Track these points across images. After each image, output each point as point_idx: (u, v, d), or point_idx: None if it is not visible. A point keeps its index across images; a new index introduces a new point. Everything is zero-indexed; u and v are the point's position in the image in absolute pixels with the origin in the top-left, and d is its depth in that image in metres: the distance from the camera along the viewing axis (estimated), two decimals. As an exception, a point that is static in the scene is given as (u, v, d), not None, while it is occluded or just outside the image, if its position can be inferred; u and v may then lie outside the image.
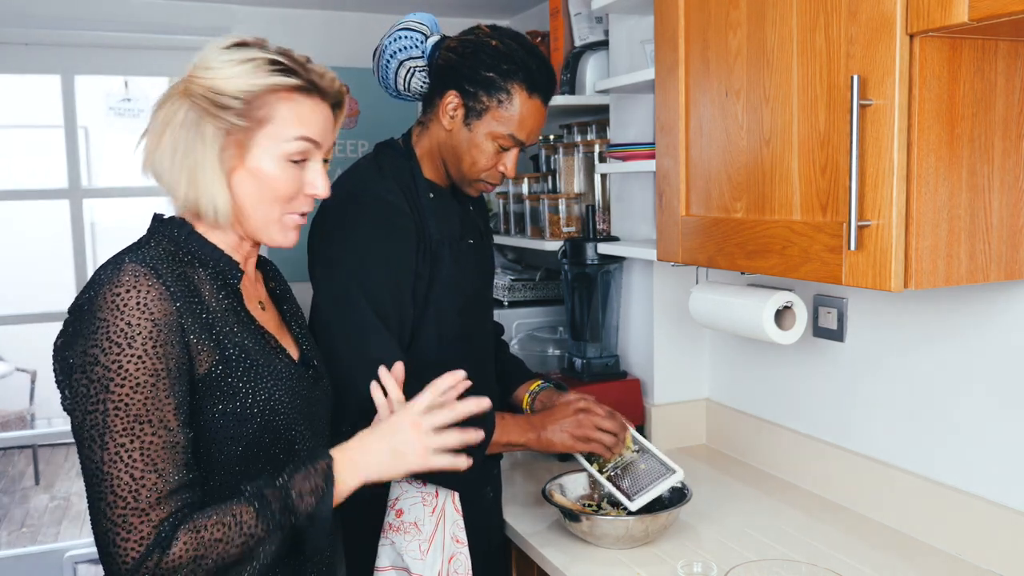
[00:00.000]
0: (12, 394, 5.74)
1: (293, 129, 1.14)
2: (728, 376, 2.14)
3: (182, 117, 1.11)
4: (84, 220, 2.86)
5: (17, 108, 5.59)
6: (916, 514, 1.60)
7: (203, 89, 1.11)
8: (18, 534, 4.78)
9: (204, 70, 1.12)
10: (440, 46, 1.62)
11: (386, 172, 1.61)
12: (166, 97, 1.14)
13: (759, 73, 1.37)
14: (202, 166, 1.11)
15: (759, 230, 1.39)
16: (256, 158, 1.14)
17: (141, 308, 1.03)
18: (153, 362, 1.03)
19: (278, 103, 1.14)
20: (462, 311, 1.66)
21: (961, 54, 1.16)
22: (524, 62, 1.57)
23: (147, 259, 1.07)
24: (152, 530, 1.01)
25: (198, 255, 1.15)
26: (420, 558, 1.53)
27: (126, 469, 1.01)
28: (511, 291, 2.58)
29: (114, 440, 1.01)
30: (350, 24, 3.02)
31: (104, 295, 1.03)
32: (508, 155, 1.63)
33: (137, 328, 1.02)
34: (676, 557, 1.53)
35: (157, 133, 1.13)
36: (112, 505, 1.01)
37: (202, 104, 1.10)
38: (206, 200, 1.12)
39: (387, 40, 1.65)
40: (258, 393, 1.13)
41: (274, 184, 1.15)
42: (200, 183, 1.12)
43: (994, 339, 1.46)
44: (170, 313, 1.05)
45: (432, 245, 1.60)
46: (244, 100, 1.11)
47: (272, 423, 1.15)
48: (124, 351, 1.02)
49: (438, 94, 1.61)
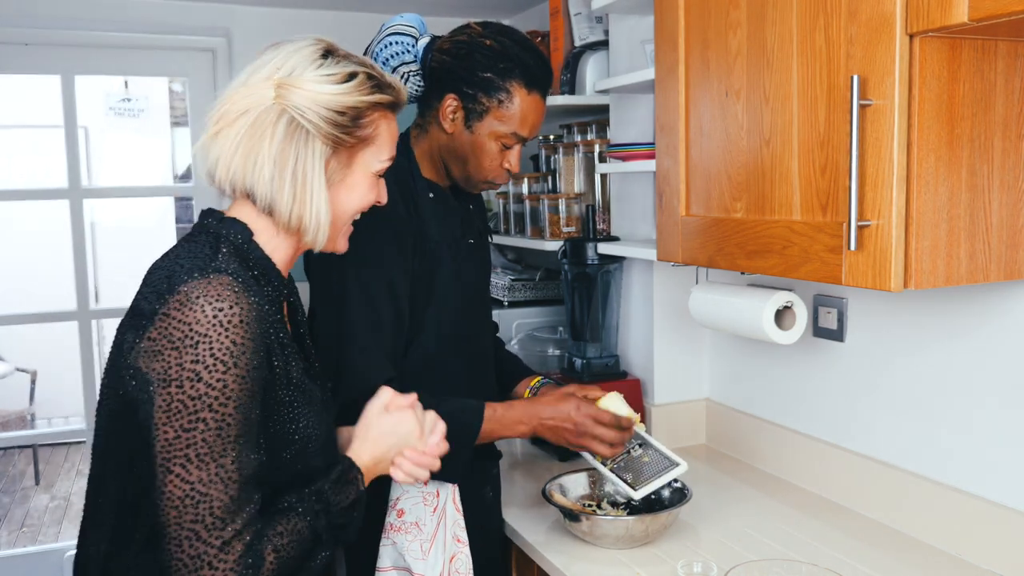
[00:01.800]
0: (12, 394, 5.74)
1: (389, 150, 1.18)
2: (728, 376, 2.14)
3: (284, 130, 1.07)
4: (84, 220, 2.86)
5: (17, 108, 5.60)
6: (916, 514, 1.60)
7: (308, 102, 1.07)
8: (18, 534, 4.78)
9: (302, 80, 1.08)
10: (432, 48, 1.60)
11: (385, 173, 1.60)
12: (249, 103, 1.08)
13: (759, 73, 1.37)
14: (310, 181, 1.09)
15: (759, 230, 1.39)
16: (356, 175, 1.15)
17: (244, 325, 1.00)
18: (253, 383, 1.02)
19: (380, 121, 1.15)
20: (462, 311, 1.66)
21: (961, 54, 1.16)
22: (520, 58, 1.56)
23: (237, 272, 1.04)
24: (246, 549, 1.00)
25: (258, 268, 1.12)
26: (422, 558, 1.53)
27: (226, 491, 0.99)
28: (511, 291, 2.58)
29: (216, 461, 0.99)
30: (350, 24, 3.01)
31: (203, 308, 0.99)
32: (512, 152, 1.63)
33: (243, 347, 1.00)
34: (676, 557, 1.53)
35: (249, 143, 1.08)
36: (211, 527, 0.98)
37: (310, 117, 1.07)
38: (310, 216, 1.10)
39: (377, 47, 1.64)
40: (300, 419, 1.13)
41: (364, 198, 1.18)
42: (307, 199, 1.09)
43: (994, 339, 1.46)
44: (263, 333, 1.04)
45: (431, 246, 1.60)
46: (351, 117, 1.10)
47: (306, 450, 1.14)
48: (230, 370, 0.99)
49: (435, 97, 1.60)
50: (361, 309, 1.51)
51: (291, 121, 1.07)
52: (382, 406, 1.22)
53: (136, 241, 5.15)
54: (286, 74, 1.08)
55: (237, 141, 1.08)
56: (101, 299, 5.18)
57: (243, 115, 1.08)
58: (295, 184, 1.09)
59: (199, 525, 0.99)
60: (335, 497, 1.12)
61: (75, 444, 6.03)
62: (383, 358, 1.51)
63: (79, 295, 2.84)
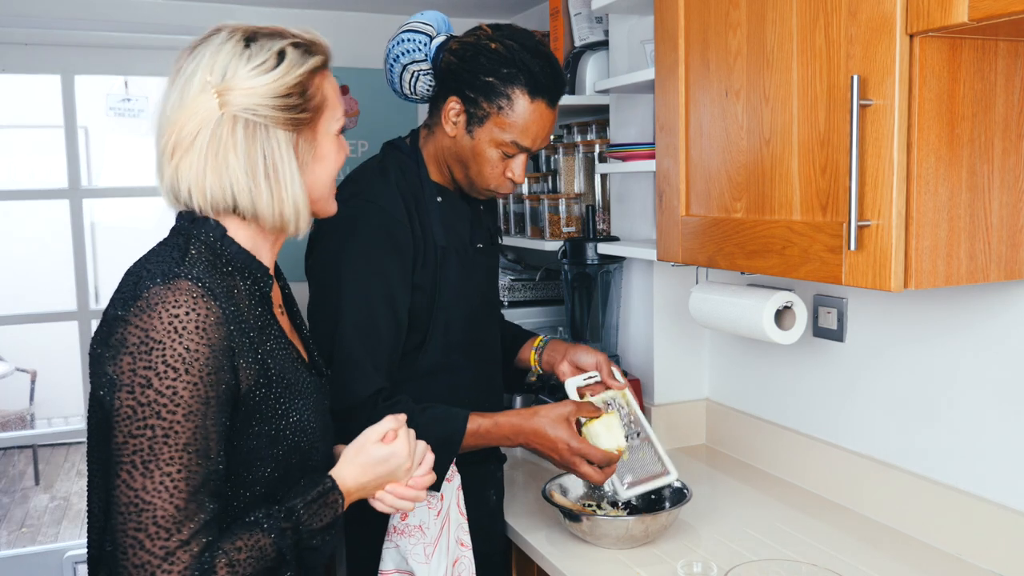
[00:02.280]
0: (12, 394, 5.74)
1: (339, 106, 1.16)
2: (728, 376, 2.14)
3: (242, 134, 1.05)
4: (84, 220, 2.86)
5: (17, 108, 5.60)
6: (916, 514, 1.60)
7: (255, 98, 1.05)
8: (18, 534, 4.78)
9: (238, 79, 1.05)
10: (443, 48, 1.57)
11: (391, 178, 1.57)
12: (198, 123, 1.05)
13: (759, 73, 1.37)
14: (284, 174, 1.08)
15: (759, 230, 1.39)
16: (323, 144, 1.14)
17: (200, 332, 0.99)
18: (206, 389, 1.00)
19: (323, 83, 1.14)
20: (470, 317, 1.64)
21: (961, 54, 1.16)
22: (525, 64, 1.51)
23: (200, 276, 1.03)
24: (193, 560, 0.98)
25: (235, 263, 1.10)
26: (425, 561, 1.52)
27: (171, 499, 0.98)
28: (511, 291, 2.58)
29: (160, 469, 0.98)
30: (350, 24, 3.02)
31: (160, 315, 0.98)
32: (515, 161, 1.58)
33: (196, 354, 0.99)
34: (676, 557, 1.53)
35: (215, 161, 1.06)
36: (154, 536, 0.97)
37: (263, 112, 1.06)
38: (289, 208, 1.10)
39: (391, 43, 1.61)
40: (291, 414, 1.12)
41: (336, 160, 1.17)
42: (283, 192, 1.09)
43: (994, 339, 1.46)
44: (225, 337, 1.02)
45: (437, 253, 1.57)
46: (298, 94, 1.09)
47: (300, 444, 1.14)
48: (180, 377, 0.98)
49: (441, 99, 1.57)
50: (357, 320, 1.48)
51: (247, 124, 1.05)
52: (380, 434, 1.19)
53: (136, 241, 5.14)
54: (219, 79, 1.05)
55: (203, 165, 1.06)
56: (101, 299, 5.17)
57: (197, 136, 1.05)
58: (270, 182, 1.08)
59: (142, 534, 0.97)
60: (308, 518, 1.09)
61: (75, 444, 6.03)
62: (372, 370, 1.48)
63: (79, 295, 2.84)
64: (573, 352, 1.72)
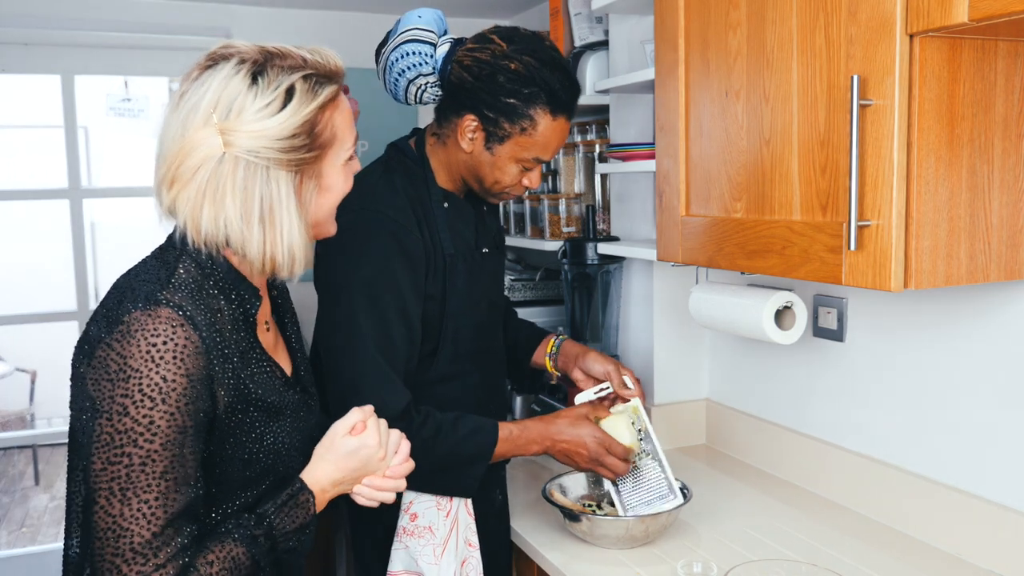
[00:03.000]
0: (12, 394, 5.74)
1: (349, 136, 1.14)
2: (728, 376, 2.14)
3: (242, 175, 1.03)
4: (84, 220, 2.86)
5: (17, 108, 5.60)
6: (916, 514, 1.60)
7: (259, 140, 1.02)
8: (18, 534, 4.77)
9: (243, 121, 1.02)
10: (451, 58, 1.51)
11: (397, 185, 1.55)
12: (200, 159, 1.02)
13: (759, 73, 1.37)
14: (282, 218, 1.06)
15: (759, 230, 1.39)
16: (328, 176, 1.12)
17: (178, 363, 0.99)
18: (184, 419, 1.00)
19: (331, 117, 1.10)
20: (478, 325, 1.64)
21: (961, 54, 1.16)
22: (546, 83, 1.47)
23: (182, 303, 1.02)
24: None
25: (222, 285, 1.10)
26: (434, 562, 1.52)
27: (148, 526, 0.98)
28: (511, 291, 2.58)
29: (138, 496, 0.98)
30: (350, 24, 3.01)
31: (139, 343, 0.98)
32: (532, 172, 1.58)
33: (172, 384, 0.98)
34: (676, 557, 1.53)
35: (211, 200, 1.03)
36: (131, 561, 0.98)
37: (266, 155, 1.03)
38: (282, 254, 1.07)
39: (393, 56, 1.54)
40: (266, 438, 1.12)
41: (342, 190, 1.16)
42: (278, 238, 1.06)
43: (994, 339, 1.46)
44: (203, 367, 1.01)
45: (446, 260, 1.56)
46: (306, 133, 1.06)
47: (275, 467, 1.14)
48: (157, 407, 0.98)
49: (454, 112, 1.53)
50: (375, 333, 1.46)
51: (248, 165, 1.03)
52: (348, 427, 1.17)
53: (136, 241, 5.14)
54: (223, 116, 1.02)
55: (200, 200, 1.04)
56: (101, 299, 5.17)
57: (198, 171, 1.03)
58: (263, 225, 1.05)
59: (119, 559, 0.97)
60: (280, 520, 1.09)
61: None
62: (399, 382, 1.47)
63: (79, 295, 2.84)
64: (584, 359, 1.73)
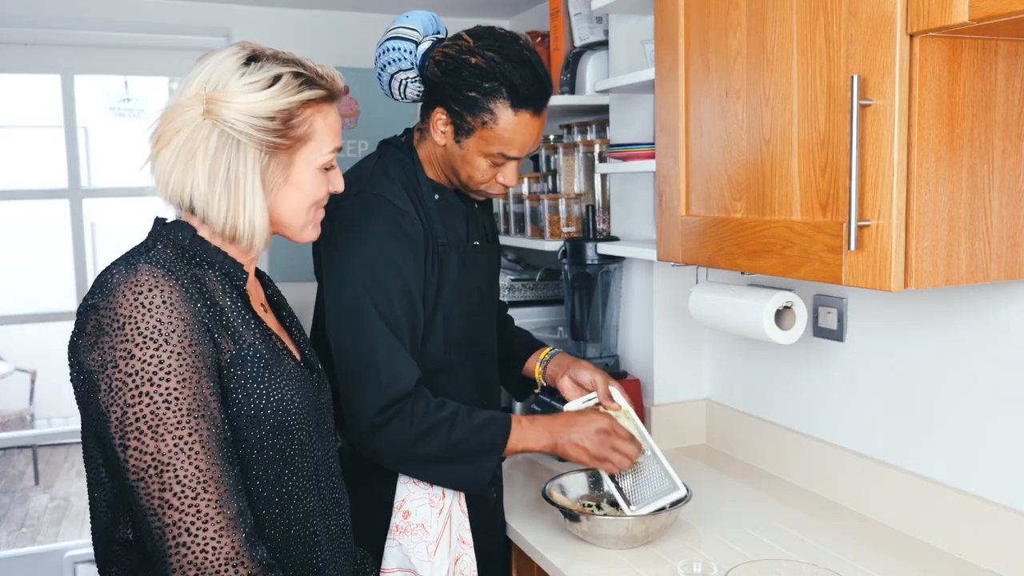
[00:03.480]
0: (12, 394, 5.74)
1: (330, 143, 1.18)
2: (728, 376, 2.14)
3: (216, 143, 1.09)
4: (84, 220, 2.86)
5: (17, 108, 5.60)
6: (916, 514, 1.60)
7: (237, 113, 1.09)
8: (18, 534, 4.78)
9: (227, 93, 1.09)
10: (429, 55, 1.57)
11: (393, 174, 1.58)
12: (182, 122, 1.10)
13: (759, 73, 1.37)
14: (244, 190, 1.11)
15: (759, 230, 1.39)
16: (299, 173, 1.16)
17: (168, 307, 1.02)
18: (193, 359, 1.02)
19: (314, 117, 1.15)
20: (469, 314, 1.65)
21: (961, 54, 1.16)
22: (507, 77, 1.50)
23: (160, 261, 1.07)
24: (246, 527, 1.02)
25: (205, 257, 1.14)
26: (427, 560, 1.52)
27: (191, 461, 0.99)
28: (511, 291, 2.58)
29: (171, 432, 0.99)
30: (350, 24, 3.02)
31: (124, 294, 1.02)
32: (505, 168, 1.59)
33: (170, 326, 1.01)
34: (676, 557, 1.53)
35: (184, 160, 1.10)
36: (180, 496, 0.98)
37: (241, 128, 1.09)
38: (244, 224, 1.12)
39: (378, 51, 1.62)
40: (272, 394, 1.13)
41: (314, 192, 1.19)
42: (240, 208, 1.11)
43: (994, 339, 1.46)
44: (193, 312, 1.05)
45: (439, 249, 1.58)
46: (282, 120, 1.11)
47: (285, 423, 1.14)
48: (162, 347, 1.00)
49: (430, 107, 1.58)
50: (380, 308, 1.48)
51: (222, 134, 1.09)
52: None
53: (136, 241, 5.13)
54: (212, 88, 1.10)
55: (173, 160, 1.10)
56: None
57: (177, 134, 1.10)
58: (228, 194, 1.11)
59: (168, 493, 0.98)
60: None
61: (75, 444, 6.02)
62: (409, 356, 1.49)
63: (79, 295, 2.84)
64: (574, 368, 1.73)
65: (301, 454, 1.17)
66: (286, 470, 1.15)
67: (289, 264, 2.81)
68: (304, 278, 1.60)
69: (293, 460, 1.16)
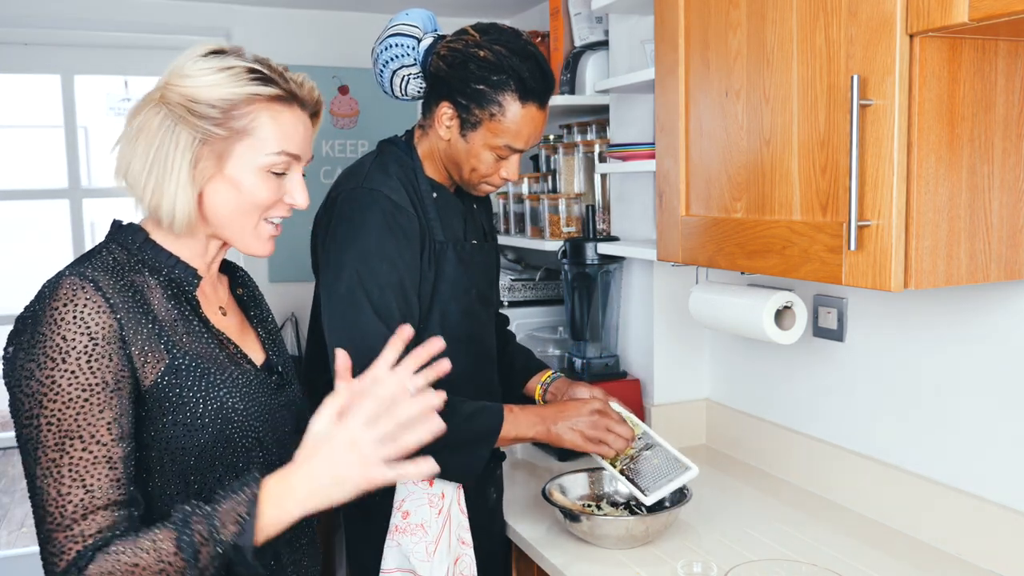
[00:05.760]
0: (12, 394, 5.74)
1: (275, 143, 1.13)
2: (728, 376, 2.14)
3: (157, 123, 1.10)
4: (84, 220, 2.86)
5: (17, 108, 5.60)
6: (916, 514, 1.60)
7: (180, 96, 1.09)
8: (18, 534, 4.78)
9: (180, 77, 1.11)
10: (432, 51, 1.59)
11: (391, 171, 1.59)
12: (142, 104, 1.13)
13: (759, 73, 1.37)
14: (170, 172, 1.10)
15: (759, 230, 1.39)
16: (235, 168, 1.13)
17: (77, 322, 1.02)
18: (87, 377, 1.02)
19: (259, 114, 1.12)
20: (466, 312, 1.65)
21: (961, 54, 1.16)
22: (515, 70, 1.53)
23: (87, 271, 1.06)
24: (74, 547, 1.00)
25: (150, 263, 1.14)
26: (427, 560, 1.52)
27: (54, 484, 1.01)
28: (511, 291, 2.58)
29: (45, 455, 1.01)
30: (350, 24, 3.02)
31: (44, 308, 1.03)
32: (509, 161, 1.61)
33: (72, 343, 1.02)
34: (676, 557, 1.53)
35: (131, 139, 1.12)
36: (41, 520, 1.01)
37: (179, 111, 1.09)
38: (166, 206, 1.11)
39: (379, 48, 1.63)
40: (209, 402, 1.11)
41: (253, 194, 1.14)
42: (164, 189, 1.11)
43: (994, 339, 1.46)
44: (108, 326, 1.04)
45: (436, 246, 1.59)
46: (222, 109, 1.10)
47: (225, 432, 1.13)
48: (58, 366, 1.01)
49: (433, 102, 1.59)
50: (374, 300, 1.49)
51: (166, 115, 1.10)
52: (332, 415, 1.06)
53: (136, 241, 5.13)
54: (170, 72, 1.12)
55: (125, 141, 1.13)
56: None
57: (137, 116, 1.12)
58: (155, 172, 1.11)
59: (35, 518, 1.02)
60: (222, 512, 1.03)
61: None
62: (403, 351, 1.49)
63: (79, 295, 2.84)
64: (573, 388, 1.74)
65: (248, 459, 1.15)
66: (227, 476, 1.13)
67: (288, 264, 2.81)
68: (303, 278, 1.60)
69: (236, 466, 1.14)
